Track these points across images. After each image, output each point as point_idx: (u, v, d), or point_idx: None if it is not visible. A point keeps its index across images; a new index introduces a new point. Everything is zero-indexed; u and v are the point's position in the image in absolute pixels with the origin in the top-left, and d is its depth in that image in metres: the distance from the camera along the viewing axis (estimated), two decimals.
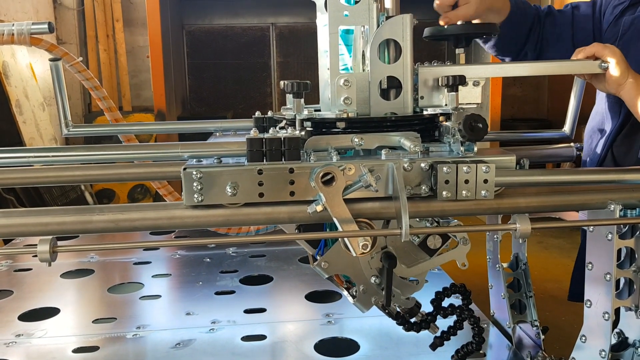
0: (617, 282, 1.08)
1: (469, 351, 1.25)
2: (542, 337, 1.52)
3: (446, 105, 1.14)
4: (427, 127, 1.16)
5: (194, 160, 1.01)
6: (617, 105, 1.43)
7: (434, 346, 1.31)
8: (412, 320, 1.26)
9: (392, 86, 1.15)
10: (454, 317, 1.29)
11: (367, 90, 1.15)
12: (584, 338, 1.14)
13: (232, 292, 1.90)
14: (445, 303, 1.28)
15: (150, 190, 5.94)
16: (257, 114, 1.49)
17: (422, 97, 1.19)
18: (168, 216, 0.97)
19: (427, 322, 1.26)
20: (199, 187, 0.96)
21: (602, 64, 1.21)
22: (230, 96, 7.05)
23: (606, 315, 1.06)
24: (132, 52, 6.49)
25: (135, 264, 2.23)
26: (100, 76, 6.15)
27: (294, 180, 0.99)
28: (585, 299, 1.12)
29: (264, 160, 0.98)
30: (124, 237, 2.16)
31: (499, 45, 1.55)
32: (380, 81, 1.13)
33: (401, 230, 0.92)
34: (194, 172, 0.96)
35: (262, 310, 1.74)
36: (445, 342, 1.31)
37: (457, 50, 1.26)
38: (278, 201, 0.99)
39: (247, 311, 1.73)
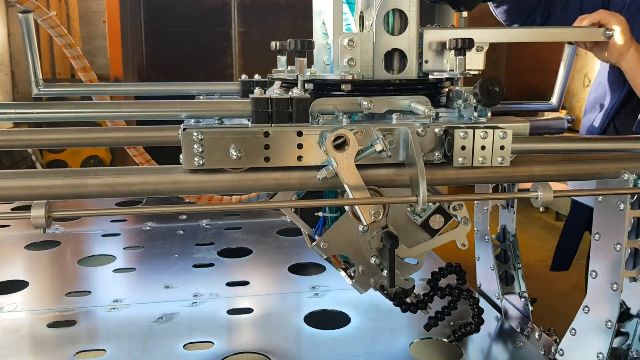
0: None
1: (467, 332, 1.23)
2: (531, 308, 1.52)
3: (452, 70, 1.10)
4: (433, 92, 1.11)
5: (192, 120, 0.94)
6: (620, 78, 1.42)
7: (428, 327, 1.29)
8: (408, 300, 1.23)
9: (397, 56, 1.10)
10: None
11: (371, 52, 1.09)
12: (587, 309, 1.14)
13: (211, 264, 1.83)
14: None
15: (104, 163, 5.75)
16: (244, 77, 1.41)
17: (426, 61, 1.14)
18: (170, 180, 0.89)
19: (424, 302, 1.23)
20: (200, 150, 0.89)
21: (607, 32, 1.19)
22: (190, 66, 6.82)
23: (615, 285, 1.05)
24: (85, 18, 6.22)
25: (104, 235, 2.12)
26: (51, 42, 5.86)
27: (302, 144, 0.93)
28: (590, 269, 1.11)
29: (270, 122, 0.92)
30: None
31: (511, 10, 1.51)
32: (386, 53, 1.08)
33: (418, 198, 0.87)
34: (195, 133, 0.89)
35: (245, 282, 1.68)
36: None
37: (463, 14, 1.22)
38: (284, 166, 0.93)
39: (229, 284, 1.67)
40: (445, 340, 1.35)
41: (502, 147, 0.92)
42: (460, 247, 1.15)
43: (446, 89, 1.14)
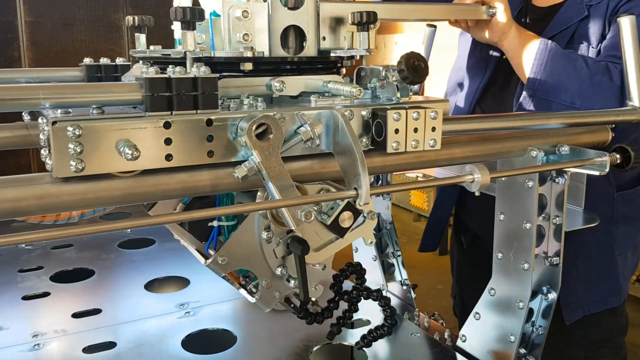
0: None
1: (377, 335, 1.14)
2: (414, 295, 1.49)
3: (350, 48, 0.99)
4: (335, 72, 0.99)
5: (58, 111, 0.70)
6: (481, 62, 1.44)
7: (332, 335, 1.18)
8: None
9: (293, 33, 0.95)
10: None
11: (266, 27, 0.93)
12: (493, 291, 1.12)
13: (46, 293, 1.50)
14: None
15: None
16: (88, 60, 1.15)
17: (324, 38, 1.01)
18: (37, 194, 0.64)
19: (329, 309, 1.11)
20: (78, 150, 0.66)
21: (490, 10, 1.18)
22: None
23: (526, 265, 1.04)
24: None
25: None
26: None
27: (212, 136, 0.74)
28: (495, 250, 1.09)
29: (171, 109, 0.72)
30: None
31: None
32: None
33: (360, 191, 0.75)
34: (70, 128, 0.65)
35: (97, 311, 1.40)
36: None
37: None
38: (190, 165, 0.74)
39: (76, 315, 1.37)
40: (347, 344, 1.25)
41: (433, 129, 0.83)
42: (367, 245, 1.06)
43: (343, 69, 1.03)
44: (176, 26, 1.03)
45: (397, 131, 0.81)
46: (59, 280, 1.59)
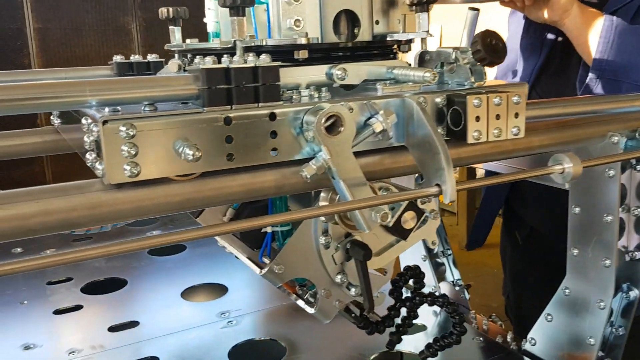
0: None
1: (445, 345, 1.05)
2: (468, 296, 1.41)
3: (403, 31, 0.90)
4: (392, 58, 0.91)
5: (106, 109, 0.61)
6: (536, 42, 1.34)
7: (392, 344, 1.10)
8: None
9: (344, 17, 0.87)
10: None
11: (317, 11, 0.84)
12: (567, 290, 1.03)
13: (79, 307, 1.43)
14: None
15: None
16: (119, 57, 1.07)
17: (377, 22, 0.93)
18: (88, 204, 0.56)
19: (390, 317, 1.03)
20: (133, 152, 0.58)
21: None
22: None
23: (607, 261, 0.95)
24: None
25: None
26: None
27: (276, 132, 0.66)
28: (569, 246, 1.00)
29: (231, 103, 0.63)
30: None
31: None
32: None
33: (444, 188, 0.66)
34: (123, 128, 0.57)
35: (134, 323, 1.32)
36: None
37: None
38: (253, 165, 0.66)
39: (112, 329, 1.30)
40: (409, 352, 1.17)
41: (516, 115, 0.75)
42: (431, 246, 0.97)
43: (399, 54, 0.95)
44: (210, 18, 0.95)
45: (477, 119, 0.72)
46: (90, 292, 1.52)
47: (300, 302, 0.94)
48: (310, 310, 0.92)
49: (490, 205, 1.55)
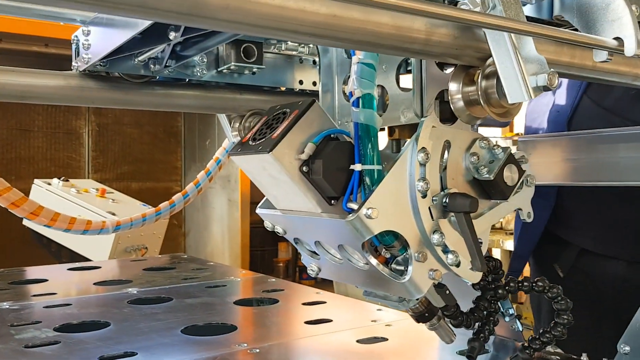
0: None
1: (550, 338, 0.92)
2: (521, 328, 1.24)
3: None
4: None
5: None
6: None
7: (473, 351, 0.94)
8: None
9: None
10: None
11: None
12: None
13: (55, 341, 1.16)
14: None
15: None
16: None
17: None
18: None
19: (480, 309, 0.91)
20: None
21: None
22: None
23: None
24: None
25: None
26: None
27: None
28: None
29: None
30: None
31: None
32: None
33: (626, 41, 0.56)
34: None
35: (132, 354, 1.07)
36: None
37: None
38: None
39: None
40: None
41: None
42: (527, 219, 0.84)
43: None
44: None
45: None
46: (66, 332, 1.25)
47: (386, 271, 0.77)
48: (400, 279, 0.75)
49: (532, 229, 1.42)
